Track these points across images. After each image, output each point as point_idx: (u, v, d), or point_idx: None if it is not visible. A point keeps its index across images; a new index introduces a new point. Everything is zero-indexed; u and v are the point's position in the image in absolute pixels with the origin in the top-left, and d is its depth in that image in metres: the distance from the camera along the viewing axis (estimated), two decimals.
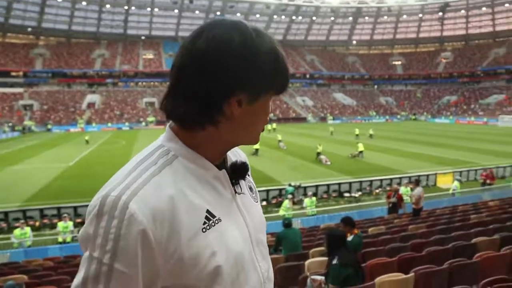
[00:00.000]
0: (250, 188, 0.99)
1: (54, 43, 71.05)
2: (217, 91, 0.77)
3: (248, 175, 0.99)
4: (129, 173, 0.77)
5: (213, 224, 0.80)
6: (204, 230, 0.78)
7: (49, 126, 50.55)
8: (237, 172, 0.91)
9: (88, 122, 53.72)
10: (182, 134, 0.84)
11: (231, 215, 0.86)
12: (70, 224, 11.17)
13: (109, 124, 53.46)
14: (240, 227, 0.87)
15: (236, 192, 0.90)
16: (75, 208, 13.73)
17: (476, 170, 18.41)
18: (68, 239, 10.98)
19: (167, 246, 0.73)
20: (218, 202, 0.84)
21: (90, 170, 21.38)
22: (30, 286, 5.52)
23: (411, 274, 3.72)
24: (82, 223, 11.75)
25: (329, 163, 22.10)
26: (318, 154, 23.49)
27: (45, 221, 13.17)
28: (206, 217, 0.80)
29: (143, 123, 54.99)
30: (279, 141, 29.90)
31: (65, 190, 16.95)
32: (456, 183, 15.61)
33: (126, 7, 71.04)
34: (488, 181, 16.51)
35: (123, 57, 71.17)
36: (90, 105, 59.88)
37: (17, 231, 10.58)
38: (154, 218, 0.72)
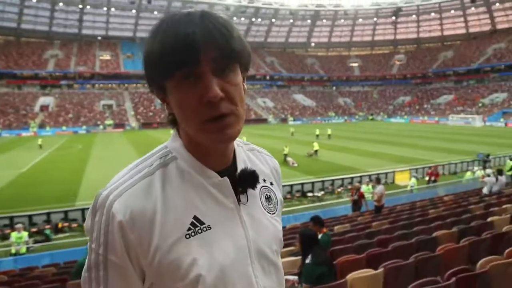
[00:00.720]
0: (268, 198, 0.92)
1: (1, 42, 66.95)
2: (150, 86, 0.79)
3: (271, 184, 0.95)
4: (124, 174, 0.80)
5: (199, 231, 0.78)
6: (187, 236, 0.76)
7: None
8: (244, 180, 0.85)
9: (42, 126, 51.09)
10: (181, 132, 0.84)
11: (227, 225, 0.81)
12: (24, 234, 10.53)
13: (64, 128, 51.17)
14: (237, 238, 0.82)
15: (240, 202, 0.84)
16: (29, 216, 13.01)
17: (430, 167, 19.35)
18: (23, 250, 10.35)
19: (148, 246, 0.74)
20: (212, 210, 0.80)
21: (45, 176, 20.37)
22: None
23: (381, 270, 3.84)
24: (38, 232, 11.15)
25: (296, 165, 22.01)
26: (285, 156, 23.36)
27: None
28: (192, 223, 0.77)
29: (101, 127, 53.13)
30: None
31: (17, 198, 16.01)
32: (413, 180, 16.33)
33: (80, 6, 68.26)
34: (433, 178, 17.22)
35: (78, 57, 68.39)
36: (43, 107, 56.98)
37: (13, 234, 10.03)
38: (134, 218, 0.73)
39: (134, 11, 72.44)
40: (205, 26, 0.71)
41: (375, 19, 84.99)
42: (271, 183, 0.95)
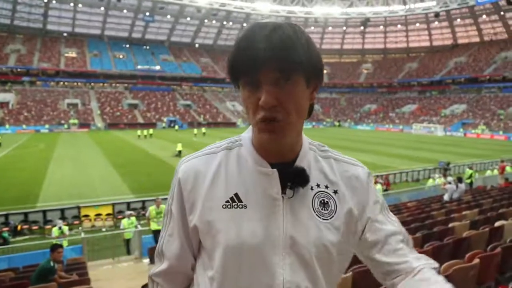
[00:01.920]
0: (324, 204, 0.93)
1: None
2: (231, 83, 0.89)
3: (335, 192, 0.94)
4: (201, 150, 0.98)
5: (235, 206, 0.89)
6: (224, 206, 0.89)
7: None
8: (291, 176, 0.90)
9: (1, 124, 48.72)
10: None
11: (266, 211, 0.88)
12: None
13: (25, 126, 49.03)
14: (270, 226, 0.88)
15: (285, 195, 0.90)
16: None
17: (394, 174, 19.97)
18: None
19: (193, 203, 0.92)
20: (254, 194, 0.89)
21: (3, 176, 19.40)
22: None
23: (349, 274, 3.92)
24: None
25: None
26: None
27: None
28: (231, 198, 0.89)
29: (65, 126, 51.29)
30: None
31: None
32: (378, 186, 16.79)
33: (45, 0, 65.81)
34: (384, 187, 17.43)
35: (42, 54, 65.84)
36: (3, 104, 54.31)
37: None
38: (188, 177, 0.93)
39: (102, 8, 70.66)
40: (271, 40, 0.79)
41: (344, 28, 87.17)
42: (335, 191, 0.95)
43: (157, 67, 72.20)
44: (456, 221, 7.11)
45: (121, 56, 72.65)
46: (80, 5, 68.77)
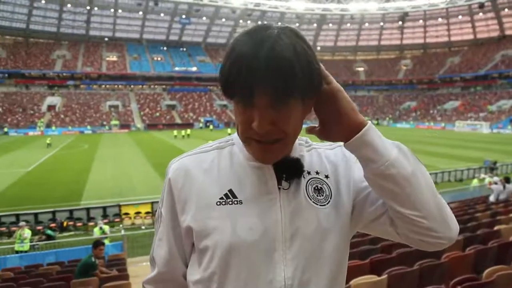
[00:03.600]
0: (318, 190, 0.91)
1: (10, 43, 67.67)
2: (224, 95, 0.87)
3: (327, 176, 0.94)
4: (192, 150, 0.96)
5: (230, 202, 0.86)
6: (218, 203, 0.86)
7: (6, 129, 48.03)
8: (285, 167, 0.88)
9: (48, 125, 51.51)
10: None
11: (262, 206, 0.86)
12: (27, 231, 10.59)
13: (70, 128, 51.55)
14: (268, 221, 0.85)
15: (281, 187, 0.88)
16: (35, 214, 13.10)
17: (436, 173, 19.23)
18: (26, 248, 10.40)
19: (185, 202, 0.88)
20: (250, 189, 0.87)
21: (51, 175, 20.50)
22: None
23: (384, 276, 3.82)
24: (41, 232, 11.18)
25: None
26: None
27: (3, 229, 12.47)
28: (226, 195, 0.86)
29: (106, 127, 53.43)
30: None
31: (24, 196, 16.13)
32: None
33: (88, 8, 68.83)
34: None
35: (85, 58, 68.93)
36: (50, 107, 57.46)
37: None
38: (178, 176, 0.89)
39: (141, 12, 72.85)
40: (268, 61, 0.73)
41: (381, 23, 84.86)
42: (326, 176, 0.94)
43: (194, 68, 73.60)
44: (502, 223, 6.74)
45: (159, 59, 74.64)
46: (120, 11, 71.33)
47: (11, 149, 32.45)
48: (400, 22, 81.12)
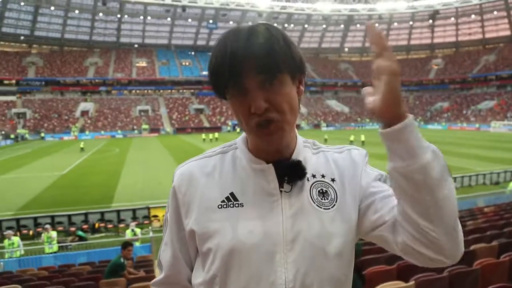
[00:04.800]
0: (323, 193, 0.91)
1: (47, 51, 70.79)
2: (215, 93, 0.89)
3: (333, 180, 0.93)
4: (196, 156, 0.98)
5: (231, 205, 0.87)
6: (219, 206, 0.87)
7: (42, 134, 50.15)
8: (287, 170, 0.88)
9: (82, 130, 53.43)
10: None
11: (263, 208, 0.86)
12: (53, 233, 10.84)
13: (102, 132, 53.20)
14: (269, 223, 0.85)
15: (282, 190, 0.88)
16: (69, 216, 13.58)
17: (470, 176, 18.52)
18: (55, 249, 10.70)
19: (189, 206, 0.90)
20: (251, 192, 0.88)
21: (84, 178, 21.19)
22: None
23: (412, 282, 3.71)
24: (73, 233, 11.56)
25: None
26: None
27: (39, 229, 12.98)
28: (227, 198, 0.88)
29: (137, 131, 54.79)
30: None
31: (59, 199, 16.76)
32: None
33: (119, 16, 71.10)
34: None
35: (116, 65, 71.07)
36: (84, 113, 59.61)
37: (5, 242, 10.33)
38: (182, 181, 0.92)
39: (169, 19, 74.44)
40: (248, 43, 0.79)
41: (410, 22, 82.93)
42: (333, 179, 0.93)
43: None
44: None
45: (187, 63, 75.94)
46: (149, 18, 73.19)
47: (47, 153, 33.83)
48: (431, 21, 78.97)
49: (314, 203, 0.88)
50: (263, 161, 0.89)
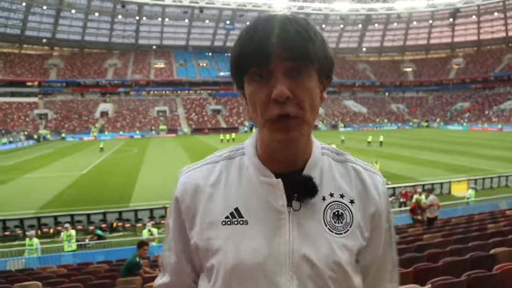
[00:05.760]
0: (339, 215, 0.82)
1: (68, 54, 72.40)
2: (234, 81, 0.82)
3: (351, 202, 0.84)
4: (201, 160, 0.92)
5: (235, 222, 0.80)
6: (223, 223, 0.81)
7: (63, 135, 51.29)
8: (297, 186, 0.80)
9: (101, 131, 54.38)
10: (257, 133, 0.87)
11: (269, 226, 0.80)
12: (72, 232, 10.99)
13: (121, 133, 54.02)
14: (274, 242, 0.79)
15: (291, 207, 0.80)
16: (88, 215, 13.85)
17: (491, 177, 18.07)
18: (74, 247, 10.84)
19: (193, 218, 0.85)
20: (257, 208, 0.81)
21: (103, 178, 21.57)
22: None
23: (428, 286, 3.64)
24: (92, 232, 11.79)
25: None
26: None
27: (59, 228, 13.28)
28: (231, 214, 0.81)
29: (154, 132, 55.45)
30: None
31: (78, 198, 17.12)
32: (470, 191, 15.34)
33: (137, 18, 72.13)
34: (401, 199, 15.35)
35: (134, 66, 72.11)
36: (103, 113, 60.67)
37: (27, 240, 10.53)
38: (186, 191, 0.87)
39: (186, 20, 75.08)
40: (283, 27, 0.73)
41: (430, 21, 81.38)
42: (351, 201, 0.84)
43: None
44: None
45: (204, 64, 76.43)
46: (167, 19, 74.01)
47: (68, 153, 34.59)
48: (451, 19, 77.30)
49: (326, 225, 0.81)
50: (272, 172, 0.81)
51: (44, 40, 70.21)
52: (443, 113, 68.48)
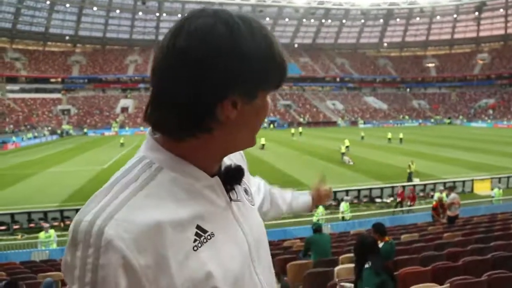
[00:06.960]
0: (246, 191, 0.88)
1: (90, 50, 73.87)
2: (207, 94, 0.66)
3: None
4: (106, 193, 0.69)
5: (204, 240, 0.70)
6: (195, 248, 0.69)
7: (85, 130, 52.47)
8: (232, 177, 0.80)
9: (122, 126, 55.35)
10: (169, 143, 0.72)
11: (227, 227, 0.76)
12: (52, 233, 10.42)
13: (142, 128, 54.80)
14: (238, 239, 0.77)
15: (231, 199, 0.79)
16: None
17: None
18: (53, 246, 10.30)
19: (156, 273, 0.64)
20: (211, 214, 0.74)
21: None
22: (66, 283, 5.69)
23: (447, 285, 3.56)
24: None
25: (352, 163, 22.85)
26: (342, 154, 24.11)
27: None
28: (197, 234, 0.70)
29: None
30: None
31: None
32: (495, 190, 14.94)
33: (157, 14, 72.91)
34: (409, 203, 14.68)
35: None
36: (124, 109, 61.73)
37: (41, 234, 10.37)
38: (137, 243, 0.62)
39: None
40: (276, 41, 0.72)
41: (455, 15, 79.33)
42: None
43: None
44: None
45: None
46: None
47: (89, 148, 35.35)
48: (477, 13, 75.14)
49: (249, 202, 0.87)
50: (206, 173, 0.75)
51: (67, 37, 71.87)
52: (466, 109, 66.82)
